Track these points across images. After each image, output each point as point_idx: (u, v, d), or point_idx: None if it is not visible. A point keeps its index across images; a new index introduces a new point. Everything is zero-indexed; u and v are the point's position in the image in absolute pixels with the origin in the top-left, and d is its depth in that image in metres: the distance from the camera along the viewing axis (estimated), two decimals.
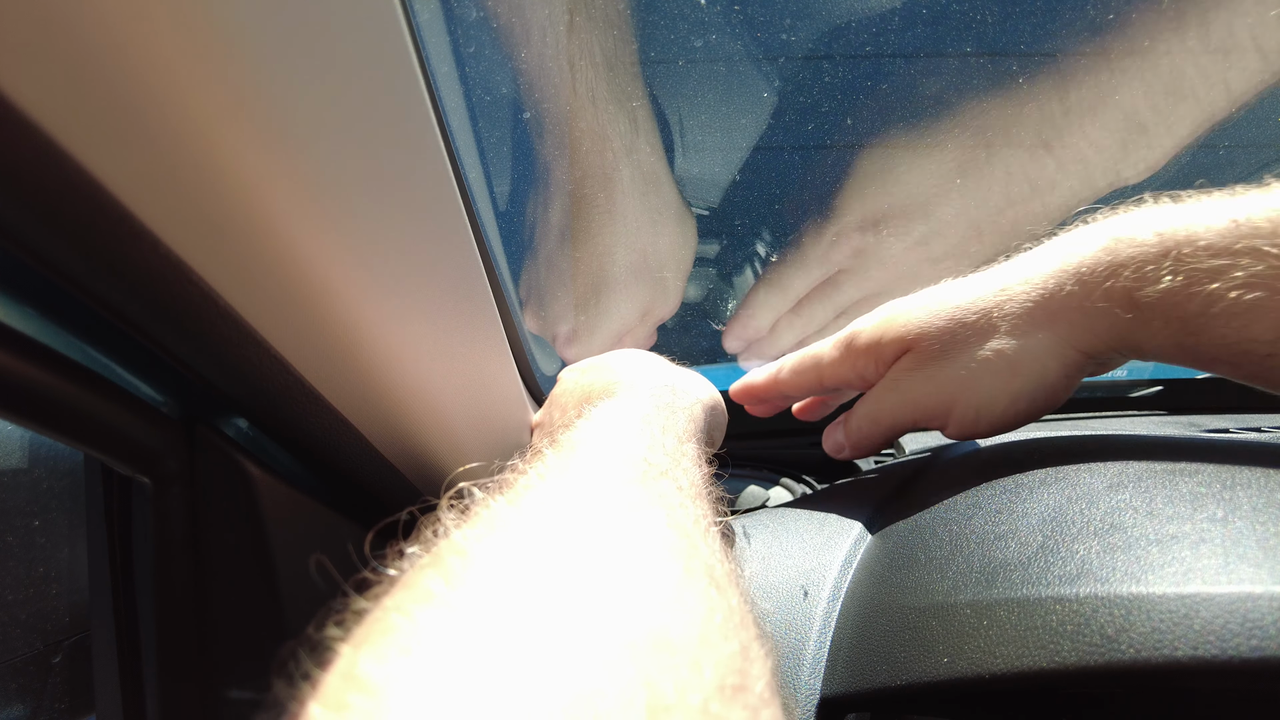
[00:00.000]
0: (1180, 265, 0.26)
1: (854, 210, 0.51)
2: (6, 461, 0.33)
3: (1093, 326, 0.29)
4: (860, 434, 0.38)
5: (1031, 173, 0.48)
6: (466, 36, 0.49)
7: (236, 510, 0.27)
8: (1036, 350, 0.30)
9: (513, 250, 0.58)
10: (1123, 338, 0.28)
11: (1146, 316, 0.27)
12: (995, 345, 0.31)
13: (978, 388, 0.31)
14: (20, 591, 0.33)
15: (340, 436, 0.28)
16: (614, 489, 0.20)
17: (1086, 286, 0.28)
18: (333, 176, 0.20)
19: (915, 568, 0.28)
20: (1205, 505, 0.22)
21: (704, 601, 0.16)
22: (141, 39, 0.14)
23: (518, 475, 0.21)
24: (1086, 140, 0.47)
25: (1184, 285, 0.26)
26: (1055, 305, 0.29)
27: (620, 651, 0.13)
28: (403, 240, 0.25)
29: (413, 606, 0.14)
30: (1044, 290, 0.30)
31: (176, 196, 0.16)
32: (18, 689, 0.33)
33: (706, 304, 0.67)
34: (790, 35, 0.49)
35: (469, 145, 0.52)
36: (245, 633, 0.28)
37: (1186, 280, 0.26)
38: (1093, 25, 0.45)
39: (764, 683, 0.15)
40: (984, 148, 0.48)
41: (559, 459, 0.23)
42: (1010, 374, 0.31)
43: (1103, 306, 0.28)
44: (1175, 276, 0.26)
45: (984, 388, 0.31)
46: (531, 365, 0.49)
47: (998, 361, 0.31)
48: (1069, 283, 0.29)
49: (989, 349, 0.31)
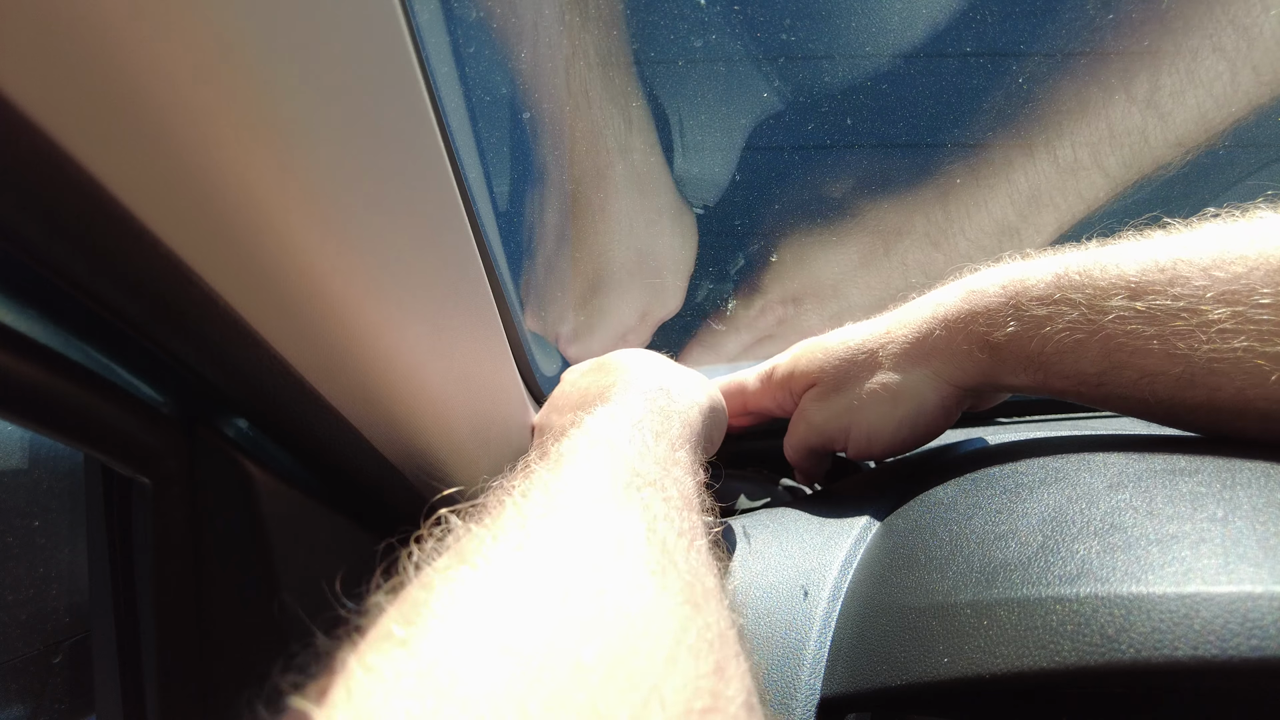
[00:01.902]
0: (1019, 313, 0.31)
1: (776, 289, 0.60)
2: (6, 461, 0.33)
3: (959, 364, 0.34)
4: (791, 459, 0.44)
5: (924, 263, 0.58)
6: (466, 36, 0.49)
7: (236, 510, 0.27)
8: (915, 383, 0.35)
9: (512, 250, 0.59)
10: (984, 373, 0.34)
11: (1000, 356, 0.33)
12: (880, 379, 0.37)
13: (867, 414, 0.37)
14: (20, 592, 0.33)
15: (340, 437, 0.28)
16: (594, 508, 0.20)
17: (951, 331, 0.34)
18: (332, 176, 0.20)
19: (915, 568, 0.28)
20: (1205, 505, 0.22)
21: (675, 621, 0.16)
22: (141, 39, 0.14)
23: (503, 494, 0.22)
24: (966, 239, 0.57)
25: (1023, 330, 0.31)
26: (928, 346, 0.35)
27: (571, 680, 0.13)
28: (402, 240, 0.25)
29: (368, 651, 0.14)
30: (919, 333, 0.35)
31: (176, 196, 0.16)
32: (18, 689, 0.33)
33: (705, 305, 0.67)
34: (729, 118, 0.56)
35: (469, 145, 0.52)
36: (245, 633, 0.28)
37: (1024, 325, 0.31)
38: (963, 141, 0.54)
39: (740, 701, 0.15)
40: (881, 243, 0.58)
41: (544, 476, 0.23)
42: (894, 403, 0.36)
43: (965, 349, 0.34)
44: (1017, 323, 0.31)
45: (872, 414, 0.37)
46: (531, 365, 0.49)
47: (882, 393, 0.37)
48: (938, 328, 0.34)
49: (875, 382, 0.37)
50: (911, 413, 0.36)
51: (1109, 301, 0.28)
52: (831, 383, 0.39)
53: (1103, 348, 0.29)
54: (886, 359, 0.36)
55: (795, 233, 0.58)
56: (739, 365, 0.67)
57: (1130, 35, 0.49)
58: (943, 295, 0.35)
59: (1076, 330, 0.29)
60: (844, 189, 0.57)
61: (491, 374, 0.38)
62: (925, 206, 0.56)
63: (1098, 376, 0.30)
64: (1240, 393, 0.26)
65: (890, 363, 0.36)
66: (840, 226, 0.57)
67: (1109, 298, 0.29)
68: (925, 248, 0.57)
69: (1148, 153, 0.52)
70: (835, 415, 0.38)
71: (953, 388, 0.35)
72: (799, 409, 0.41)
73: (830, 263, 0.58)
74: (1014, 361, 0.32)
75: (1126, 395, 0.30)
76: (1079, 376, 0.30)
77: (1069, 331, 0.30)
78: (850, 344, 0.39)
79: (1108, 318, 0.28)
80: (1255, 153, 0.56)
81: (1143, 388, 0.29)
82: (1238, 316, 0.25)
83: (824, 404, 0.39)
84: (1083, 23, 0.50)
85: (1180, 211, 0.59)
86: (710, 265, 0.64)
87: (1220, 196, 0.59)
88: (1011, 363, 0.32)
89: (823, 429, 0.39)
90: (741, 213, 0.61)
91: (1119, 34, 0.49)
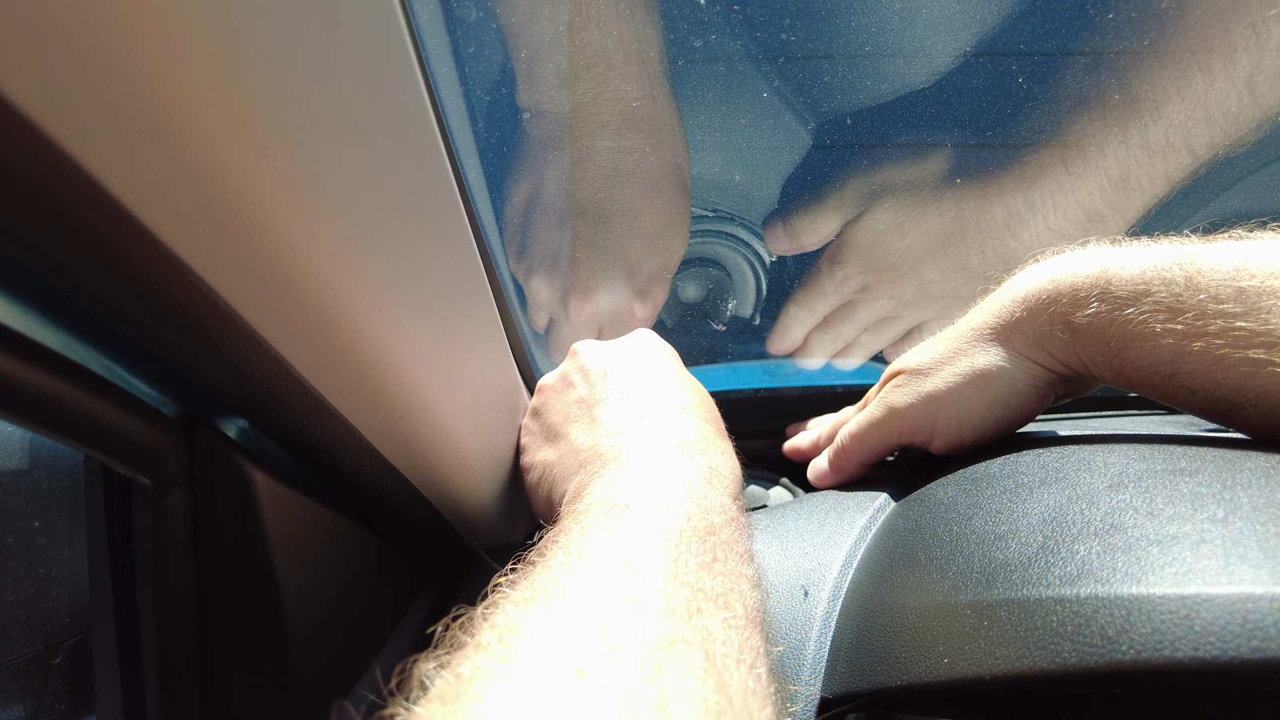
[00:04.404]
0: (1105, 295, 0.31)
1: (855, 261, 0.60)
2: (6, 462, 0.33)
3: (1040, 343, 0.34)
4: (844, 454, 0.42)
5: (1004, 253, 0.58)
6: (466, 36, 0.49)
7: (236, 511, 0.27)
8: (1004, 364, 0.35)
9: (512, 250, 0.59)
10: (1066, 355, 0.33)
11: (1081, 338, 0.32)
12: (964, 364, 0.36)
13: (957, 398, 0.36)
14: (21, 592, 0.33)
15: (340, 437, 0.28)
16: (650, 660, 0.18)
17: (1032, 311, 0.34)
18: (332, 176, 0.20)
19: (915, 568, 0.28)
20: (1205, 505, 0.22)
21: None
22: (141, 39, 0.14)
23: (540, 606, 0.20)
24: (1049, 229, 0.57)
25: (1107, 310, 0.31)
26: (1009, 327, 0.35)
27: None
28: (402, 240, 0.25)
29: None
30: (999, 316, 0.35)
31: (176, 197, 0.16)
32: (18, 690, 0.33)
33: (706, 305, 0.67)
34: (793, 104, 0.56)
35: (469, 145, 0.52)
36: (245, 633, 0.28)
37: (1109, 306, 0.30)
38: (1049, 127, 0.54)
39: None
40: (959, 232, 0.58)
41: (590, 585, 0.21)
42: (984, 383, 0.35)
43: (1046, 329, 0.33)
44: (1100, 303, 0.31)
45: (963, 397, 0.36)
46: (531, 366, 0.49)
47: (971, 374, 0.36)
48: (1018, 309, 0.34)
49: (959, 366, 0.36)
50: (1004, 394, 0.35)
51: (1208, 278, 0.28)
52: (915, 370, 0.38)
53: (1185, 330, 0.28)
54: (971, 345, 0.36)
55: (869, 215, 0.59)
56: (740, 365, 0.67)
57: (1230, 12, 0.49)
58: (1026, 277, 0.35)
59: (1160, 313, 0.29)
60: (922, 173, 0.57)
61: (491, 374, 0.38)
62: (1007, 194, 0.56)
63: (1171, 365, 0.29)
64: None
65: (974, 347, 0.36)
66: (917, 211, 0.58)
67: (1209, 275, 0.28)
68: (1004, 238, 0.57)
69: (1234, 132, 0.52)
70: (922, 401, 0.37)
71: (1041, 368, 0.35)
72: (879, 399, 0.40)
73: (908, 244, 0.59)
74: (1094, 345, 0.32)
75: (1199, 386, 0.29)
76: (1154, 365, 0.30)
77: (1151, 315, 0.29)
78: (937, 338, 0.38)
79: (1199, 296, 0.28)
80: (1255, 152, 0.56)
81: (1216, 374, 0.28)
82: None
83: (906, 389, 0.38)
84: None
85: (1180, 211, 0.60)
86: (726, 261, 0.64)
87: (1220, 196, 0.59)
88: (1091, 347, 0.32)
89: (906, 415, 0.38)
90: (783, 207, 0.60)
91: (1213, 12, 0.49)
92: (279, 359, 0.22)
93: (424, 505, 0.36)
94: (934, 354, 0.38)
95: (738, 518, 0.29)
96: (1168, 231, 0.32)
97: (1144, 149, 0.53)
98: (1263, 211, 0.57)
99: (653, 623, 0.19)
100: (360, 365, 0.25)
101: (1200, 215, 0.60)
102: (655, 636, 0.19)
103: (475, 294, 0.34)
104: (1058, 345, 0.33)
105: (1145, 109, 0.52)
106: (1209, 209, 0.59)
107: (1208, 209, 0.59)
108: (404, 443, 0.30)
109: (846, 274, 0.60)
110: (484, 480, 0.38)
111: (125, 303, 0.19)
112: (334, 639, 0.31)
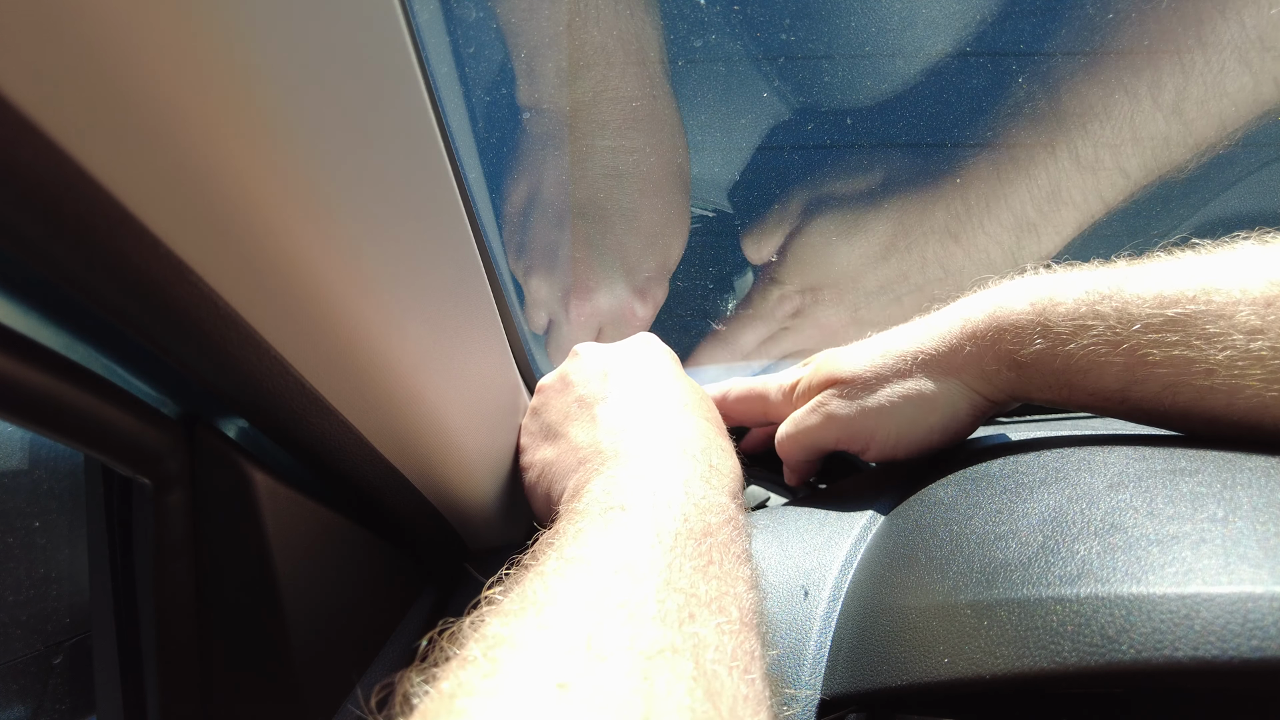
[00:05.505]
0: (1046, 331, 0.32)
1: (795, 278, 0.61)
2: (6, 462, 0.33)
3: (989, 379, 0.35)
4: (792, 453, 0.43)
5: (943, 259, 0.59)
6: (466, 36, 0.49)
7: (236, 511, 0.27)
8: (949, 392, 0.37)
9: (512, 249, 0.59)
10: (1013, 389, 0.35)
11: (1027, 373, 0.33)
12: (913, 385, 0.37)
13: (898, 416, 0.38)
14: (21, 593, 0.33)
15: (340, 437, 0.28)
16: (639, 668, 0.18)
17: (980, 348, 0.35)
18: (332, 176, 0.20)
19: (915, 568, 0.28)
20: (1205, 505, 0.22)
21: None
22: (141, 39, 0.14)
23: (534, 612, 0.20)
24: (986, 235, 0.57)
25: (1049, 347, 0.32)
26: (959, 361, 0.36)
27: None
28: (402, 240, 0.25)
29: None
30: (950, 347, 0.36)
31: (177, 197, 0.16)
32: (19, 690, 0.33)
33: (707, 304, 0.67)
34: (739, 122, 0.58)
35: (469, 145, 0.52)
36: (245, 633, 0.28)
37: (1050, 343, 0.32)
38: (982, 132, 0.55)
39: None
40: (903, 236, 0.58)
41: (584, 586, 0.21)
42: (929, 408, 0.37)
43: (994, 367, 0.35)
44: (1043, 340, 0.32)
45: (904, 416, 0.38)
46: (531, 366, 0.49)
47: (916, 397, 0.37)
48: (967, 344, 0.35)
49: (907, 387, 0.37)
50: (944, 420, 0.37)
51: (1137, 310, 0.29)
52: (861, 384, 0.39)
53: (1126, 361, 0.30)
54: (919, 369, 0.37)
55: (812, 224, 0.60)
56: (738, 365, 0.67)
57: (1159, 37, 0.49)
58: (970, 309, 0.36)
59: (1100, 346, 0.30)
60: (865, 181, 0.58)
61: (491, 374, 0.38)
62: (945, 195, 0.57)
63: (1121, 392, 0.31)
64: (1257, 395, 0.26)
65: (923, 372, 0.37)
66: (861, 218, 0.59)
67: (1138, 307, 0.29)
68: (945, 240, 0.58)
69: (1167, 156, 0.53)
70: (862, 415, 0.39)
71: (983, 399, 0.36)
72: (816, 404, 0.41)
73: (851, 254, 0.60)
74: (1040, 379, 0.33)
75: (1149, 409, 0.30)
76: (1103, 393, 0.31)
77: (1093, 348, 0.30)
78: (881, 351, 0.39)
79: (1133, 327, 0.29)
80: (1255, 152, 0.56)
81: (1165, 400, 0.29)
82: (1270, 319, 0.26)
83: (848, 401, 0.39)
84: (1099, 22, 0.50)
85: (1181, 210, 0.60)
86: (714, 264, 0.64)
87: (1220, 196, 0.59)
88: (1038, 380, 0.33)
89: (847, 426, 0.39)
90: (745, 212, 0.61)
91: (1143, 35, 0.49)
92: (279, 359, 0.22)
93: (424, 505, 0.36)
94: (874, 365, 0.39)
95: (736, 517, 0.29)
96: (1168, 232, 0.33)
97: (1074, 163, 0.54)
98: (1263, 211, 0.57)
99: (644, 630, 0.19)
100: (360, 365, 0.25)
101: (1200, 215, 0.60)
102: (645, 645, 0.19)
103: (475, 294, 0.34)
104: (1004, 380, 0.35)
105: (1072, 123, 0.53)
106: (1209, 209, 0.59)
107: (1208, 209, 0.59)
108: (404, 443, 0.30)
109: (784, 294, 0.62)
110: (484, 480, 0.38)
111: (125, 303, 0.19)
112: (334, 638, 0.31)
